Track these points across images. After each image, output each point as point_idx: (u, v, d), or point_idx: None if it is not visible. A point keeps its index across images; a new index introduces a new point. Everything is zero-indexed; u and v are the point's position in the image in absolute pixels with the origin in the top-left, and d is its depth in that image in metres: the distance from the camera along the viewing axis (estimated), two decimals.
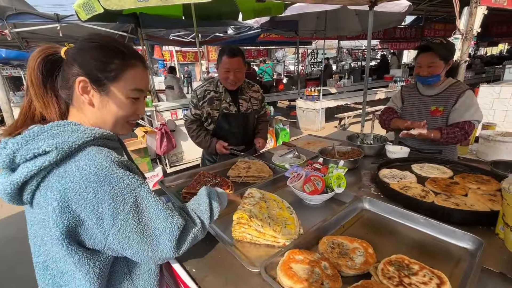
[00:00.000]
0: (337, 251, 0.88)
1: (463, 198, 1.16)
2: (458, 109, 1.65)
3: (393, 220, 1.10)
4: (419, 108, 1.82)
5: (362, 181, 1.48)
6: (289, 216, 1.07)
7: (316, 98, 6.41)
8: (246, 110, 1.98)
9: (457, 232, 0.94)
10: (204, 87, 1.91)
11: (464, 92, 1.65)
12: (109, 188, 0.64)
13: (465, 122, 1.62)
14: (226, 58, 1.74)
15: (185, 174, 1.64)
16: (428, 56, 1.65)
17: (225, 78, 1.80)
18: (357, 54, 16.05)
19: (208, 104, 1.90)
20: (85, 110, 0.76)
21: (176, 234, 0.72)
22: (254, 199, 1.14)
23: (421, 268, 0.76)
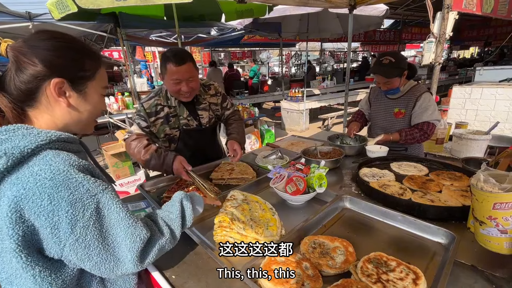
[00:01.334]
0: (318, 251, 0.89)
1: (438, 194, 1.21)
2: (416, 111, 1.78)
3: (373, 218, 1.13)
4: (384, 110, 1.94)
5: (343, 180, 1.51)
6: (272, 217, 1.06)
7: (300, 100, 6.49)
8: (208, 121, 1.72)
9: (432, 227, 0.98)
10: (152, 100, 1.55)
11: (421, 95, 1.77)
12: (67, 194, 0.60)
13: (424, 123, 1.76)
14: (173, 67, 1.40)
15: (167, 178, 1.60)
16: (380, 78, 1.77)
17: (176, 91, 1.47)
18: (339, 56, 16.44)
19: (165, 123, 1.59)
20: (55, 111, 0.71)
21: (138, 246, 0.68)
22: (236, 202, 1.13)
23: (398, 264, 0.78)
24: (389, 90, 1.82)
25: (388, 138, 1.81)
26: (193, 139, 1.71)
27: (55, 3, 2.57)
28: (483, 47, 12.94)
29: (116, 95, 4.33)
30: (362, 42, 12.99)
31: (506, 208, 0.71)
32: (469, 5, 4.12)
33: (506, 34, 9.03)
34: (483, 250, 0.88)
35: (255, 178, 1.53)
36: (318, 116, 6.86)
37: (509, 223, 0.72)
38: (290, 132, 6.64)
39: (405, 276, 0.73)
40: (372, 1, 3.10)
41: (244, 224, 0.99)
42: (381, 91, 1.95)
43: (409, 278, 0.73)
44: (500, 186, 0.72)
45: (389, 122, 1.91)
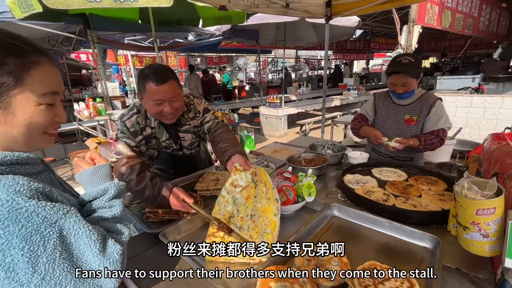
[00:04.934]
0: (313, 264, 0.88)
1: (419, 199, 1.27)
2: (431, 118, 1.76)
3: (361, 225, 1.15)
4: (393, 117, 1.89)
5: (329, 188, 1.53)
6: (272, 218, 1.02)
7: (278, 105, 6.59)
8: (191, 144, 1.60)
9: (417, 232, 1.02)
10: (134, 117, 1.40)
11: (435, 102, 1.76)
12: (17, 228, 0.51)
13: (439, 129, 1.75)
14: (153, 86, 1.24)
15: None
16: (401, 77, 1.70)
17: (158, 112, 1.32)
18: (313, 63, 17.05)
19: (147, 143, 1.47)
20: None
21: (119, 263, 0.63)
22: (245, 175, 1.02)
23: (391, 272, 0.80)
24: (404, 94, 1.75)
25: (408, 142, 1.70)
26: (171, 162, 1.62)
27: (17, 2, 2.36)
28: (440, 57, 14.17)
29: (87, 101, 4.05)
30: (335, 50, 13.60)
31: (488, 213, 0.76)
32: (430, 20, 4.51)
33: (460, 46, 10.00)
34: (465, 253, 0.93)
35: None
36: (296, 121, 7.00)
37: (491, 228, 0.77)
38: (270, 138, 6.70)
39: (400, 284, 0.75)
40: (346, 13, 3.25)
41: (242, 222, 0.94)
42: (388, 97, 1.91)
43: (404, 286, 0.74)
44: (482, 193, 0.77)
45: (399, 130, 1.83)
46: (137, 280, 0.88)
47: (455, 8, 4.94)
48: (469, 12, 5.42)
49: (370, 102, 2.03)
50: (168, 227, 1.10)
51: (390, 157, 1.91)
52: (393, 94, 1.87)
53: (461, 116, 3.68)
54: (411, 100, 1.83)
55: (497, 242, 0.79)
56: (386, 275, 0.79)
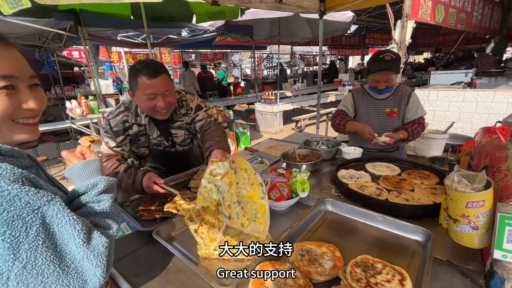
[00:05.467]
0: (307, 258, 0.88)
1: (411, 193, 1.29)
2: (411, 108, 1.86)
3: (354, 220, 1.16)
4: (375, 111, 1.96)
5: (323, 183, 1.54)
6: (260, 202, 0.98)
7: (273, 102, 6.58)
8: (183, 140, 1.57)
9: (409, 226, 1.03)
10: (121, 116, 1.39)
11: (412, 93, 1.88)
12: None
13: (420, 117, 1.86)
14: (145, 80, 1.24)
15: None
16: (384, 74, 1.78)
17: (151, 108, 1.31)
18: (308, 59, 17.03)
19: (134, 142, 1.46)
20: None
21: (104, 257, 0.59)
22: (223, 164, 0.97)
23: (384, 266, 0.81)
24: (385, 89, 1.84)
25: (398, 136, 1.78)
26: (163, 159, 1.61)
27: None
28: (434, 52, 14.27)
29: (79, 99, 3.98)
30: (330, 46, 13.60)
31: (477, 206, 0.77)
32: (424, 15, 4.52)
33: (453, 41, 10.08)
34: (455, 245, 0.94)
35: None
36: (292, 118, 7.00)
37: (480, 220, 0.78)
38: (265, 134, 6.69)
39: (392, 277, 0.76)
40: (340, 8, 3.24)
41: (231, 210, 0.93)
42: (365, 93, 1.98)
43: (396, 279, 0.75)
44: (472, 186, 0.78)
45: (382, 123, 1.91)
46: (130, 279, 0.87)
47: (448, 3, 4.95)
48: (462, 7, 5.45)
49: (349, 98, 2.05)
50: (162, 224, 1.09)
51: (378, 150, 1.97)
52: (372, 90, 1.94)
53: (454, 110, 3.72)
54: (388, 93, 1.91)
55: (486, 234, 0.80)
56: (378, 268, 0.80)
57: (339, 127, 2.01)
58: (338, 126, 2.02)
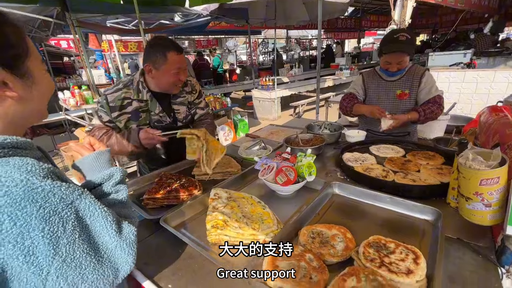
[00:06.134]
0: (318, 241, 0.88)
1: (417, 174, 1.28)
2: (424, 88, 1.75)
3: (362, 202, 1.15)
4: (385, 94, 1.87)
5: (328, 167, 1.53)
6: (263, 211, 1.03)
7: (271, 88, 6.49)
8: (185, 117, 1.59)
9: (418, 206, 1.03)
10: (119, 92, 1.40)
11: (425, 73, 1.75)
12: (35, 208, 0.48)
13: (435, 96, 1.73)
14: (175, 55, 1.32)
15: (146, 178, 1.47)
16: (397, 56, 1.67)
17: (174, 82, 1.39)
18: (305, 43, 16.69)
19: (133, 119, 1.45)
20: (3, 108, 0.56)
21: (134, 245, 0.64)
22: (222, 200, 1.07)
23: (396, 245, 0.81)
24: (397, 72, 1.73)
25: (404, 118, 1.67)
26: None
27: None
28: (431, 34, 14.05)
29: (73, 89, 3.86)
30: (326, 29, 13.29)
31: (492, 183, 0.76)
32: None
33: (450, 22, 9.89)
34: (465, 223, 0.94)
35: (240, 171, 1.48)
36: (289, 104, 6.94)
37: (493, 197, 0.78)
38: (263, 121, 6.65)
39: (405, 256, 0.76)
40: None
41: (239, 223, 0.94)
42: (375, 74, 1.89)
43: (410, 258, 0.75)
44: (487, 163, 0.76)
45: (393, 105, 1.81)
46: (142, 267, 0.86)
47: None
48: None
49: (359, 81, 1.98)
50: (169, 212, 1.08)
51: (387, 134, 1.90)
52: (383, 72, 1.84)
53: (454, 91, 3.70)
54: (400, 74, 1.81)
55: (498, 211, 0.80)
56: (391, 248, 0.80)
57: (346, 110, 1.94)
58: (345, 109, 1.94)
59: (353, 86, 2.00)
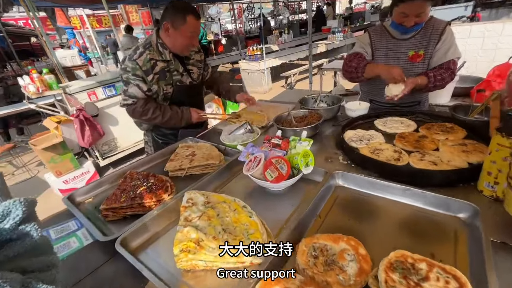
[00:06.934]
0: (322, 261, 0.66)
1: (437, 153, 1.05)
2: (441, 48, 1.43)
3: (373, 195, 0.93)
4: (395, 55, 1.54)
5: (327, 150, 1.28)
6: (249, 220, 0.80)
7: (259, 58, 6.02)
8: (198, 77, 1.69)
9: (446, 200, 0.81)
10: (144, 55, 1.43)
11: (445, 29, 1.42)
12: None
13: (449, 61, 1.43)
14: (194, 19, 1.40)
15: (107, 180, 1.21)
16: (417, 5, 1.32)
17: (187, 44, 1.47)
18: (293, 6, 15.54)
19: (162, 79, 1.50)
20: None
21: None
22: (197, 208, 0.84)
23: (429, 266, 0.59)
24: (414, 27, 1.40)
25: (415, 82, 1.39)
26: (185, 95, 1.64)
27: None
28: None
29: (31, 74, 3.37)
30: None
31: None
32: None
33: None
34: (507, 220, 0.74)
35: (223, 163, 1.23)
36: (280, 74, 6.52)
37: None
38: (253, 95, 6.26)
39: (445, 286, 0.54)
40: None
41: (217, 241, 0.71)
42: (384, 31, 1.56)
43: (451, 287, 0.54)
44: None
45: (404, 70, 1.42)
46: None
47: None
48: None
49: (365, 39, 1.63)
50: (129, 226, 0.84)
51: (393, 105, 1.62)
52: (395, 28, 1.49)
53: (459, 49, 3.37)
54: (415, 31, 1.47)
55: None
56: (423, 271, 0.58)
57: (356, 72, 1.55)
58: (355, 71, 1.55)
59: (359, 45, 1.64)
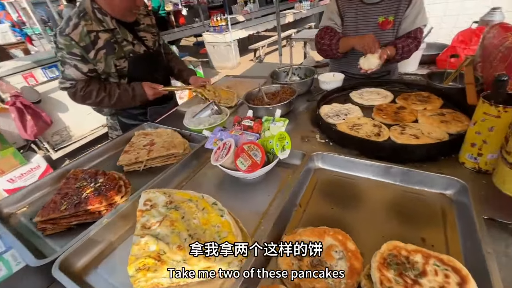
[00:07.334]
0: (307, 262, 0.58)
1: (417, 125, 1.00)
2: (409, 15, 1.35)
3: (354, 177, 0.86)
4: (364, 22, 1.43)
5: (302, 128, 1.18)
6: (221, 221, 0.68)
7: (224, 29, 5.60)
8: (153, 44, 1.44)
9: (431, 176, 0.75)
10: (81, 27, 1.16)
11: None
12: None
13: (416, 29, 1.37)
14: None
15: (48, 180, 1.00)
16: None
17: (129, 6, 1.21)
18: None
19: (110, 53, 1.24)
20: None
21: None
22: (157, 211, 0.69)
23: (425, 258, 0.53)
24: None
25: (387, 53, 1.31)
26: (144, 68, 1.40)
27: None
28: None
29: None
30: None
31: None
32: None
33: None
34: (491, 194, 0.71)
35: (188, 151, 1.08)
36: (248, 47, 6.19)
37: None
38: (221, 70, 5.93)
39: (445, 280, 0.48)
40: None
41: (183, 251, 0.59)
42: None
43: (452, 283, 0.48)
44: None
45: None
46: None
47: None
48: None
49: (333, 7, 1.50)
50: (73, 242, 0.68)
51: (365, 76, 1.54)
52: None
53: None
54: None
55: None
56: (419, 264, 0.52)
57: (330, 50, 1.47)
58: (329, 49, 1.47)
59: (327, 16, 1.51)
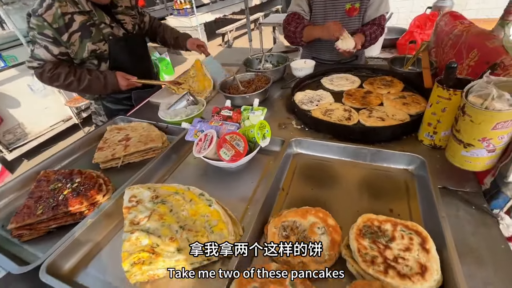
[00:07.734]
0: (294, 240, 0.63)
1: (382, 108, 1.09)
2: (374, 2, 1.41)
3: (329, 159, 0.93)
4: (332, 8, 1.46)
5: (279, 115, 1.22)
6: (209, 210, 0.71)
7: (189, 13, 5.33)
8: (133, 27, 1.41)
9: (396, 154, 0.85)
10: (54, 8, 1.12)
11: None
12: None
13: (380, 16, 1.44)
14: None
15: (14, 184, 0.93)
16: None
17: None
18: None
19: (86, 36, 1.20)
20: None
21: None
22: (144, 206, 0.70)
23: (393, 225, 0.61)
24: None
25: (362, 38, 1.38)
26: (124, 51, 1.38)
27: None
28: None
29: None
30: None
31: (507, 126, 0.57)
32: None
33: None
34: (443, 166, 0.82)
35: (166, 144, 1.06)
36: (216, 31, 5.99)
37: (502, 141, 0.61)
38: (190, 57, 5.70)
39: (410, 242, 0.57)
40: None
41: (176, 243, 0.61)
42: None
43: (415, 243, 0.57)
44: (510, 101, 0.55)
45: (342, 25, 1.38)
46: None
47: None
48: None
49: None
50: (57, 245, 0.66)
51: (335, 62, 1.62)
52: None
53: None
54: None
55: (498, 155, 0.65)
56: (389, 232, 0.60)
57: (295, 37, 1.50)
58: (293, 36, 1.50)
59: (295, 2, 1.52)
